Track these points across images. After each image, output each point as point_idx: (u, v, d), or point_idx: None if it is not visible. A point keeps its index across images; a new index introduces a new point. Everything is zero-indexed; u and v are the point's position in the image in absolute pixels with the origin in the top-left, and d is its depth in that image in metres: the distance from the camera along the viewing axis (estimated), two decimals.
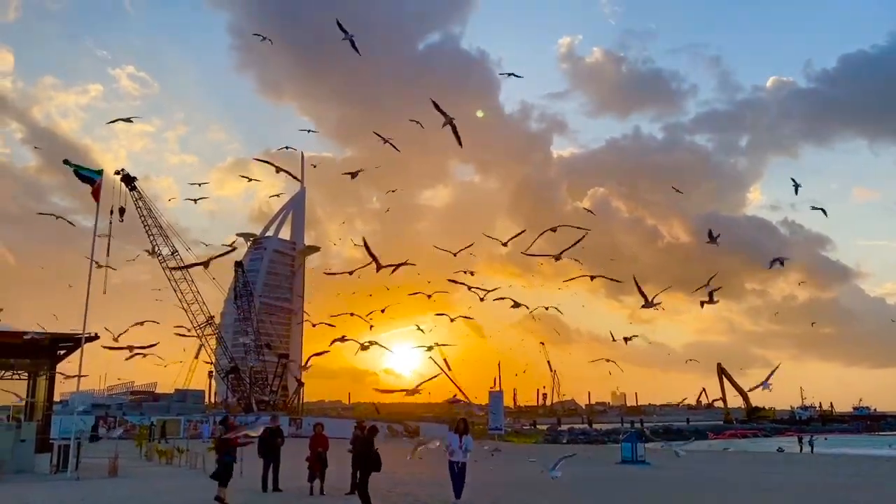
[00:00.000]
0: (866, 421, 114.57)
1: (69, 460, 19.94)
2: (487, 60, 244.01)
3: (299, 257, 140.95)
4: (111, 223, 32.91)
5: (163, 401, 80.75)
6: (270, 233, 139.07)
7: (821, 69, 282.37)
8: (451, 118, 19.63)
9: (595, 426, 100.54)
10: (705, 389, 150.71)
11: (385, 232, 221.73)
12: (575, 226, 23.31)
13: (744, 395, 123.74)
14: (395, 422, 76.47)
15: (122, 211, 47.97)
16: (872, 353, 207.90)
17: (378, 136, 22.00)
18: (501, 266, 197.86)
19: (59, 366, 23.16)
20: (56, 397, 26.01)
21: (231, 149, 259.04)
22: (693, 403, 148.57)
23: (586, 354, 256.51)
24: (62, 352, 22.63)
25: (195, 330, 73.21)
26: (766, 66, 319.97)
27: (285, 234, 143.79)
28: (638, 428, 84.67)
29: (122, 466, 21.34)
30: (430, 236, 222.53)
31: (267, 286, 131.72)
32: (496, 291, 29.40)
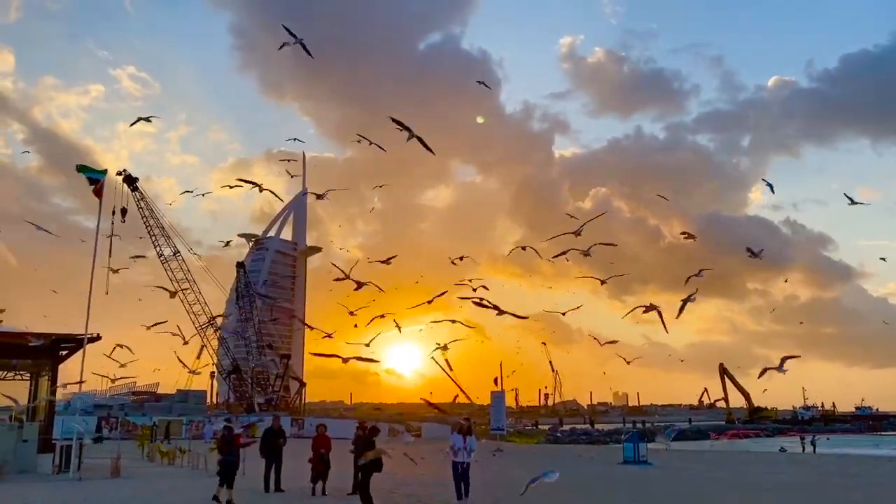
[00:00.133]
0: (868, 421, 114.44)
1: (71, 461, 19.96)
2: (489, 60, 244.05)
3: (301, 258, 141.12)
4: (113, 223, 33.02)
5: (164, 401, 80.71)
6: (272, 233, 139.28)
7: (823, 69, 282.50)
8: (412, 133, 20.10)
9: (597, 426, 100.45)
10: (707, 389, 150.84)
11: (386, 232, 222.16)
12: (594, 216, 23.34)
13: (746, 395, 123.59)
14: (398, 422, 76.57)
15: (124, 211, 48.17)
16: (874, 354, 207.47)
17: (362, 138, 22.06)
18: (503, 266, 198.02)
19: (61, 367, 23.20)
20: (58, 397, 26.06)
21: (232, 149, 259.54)
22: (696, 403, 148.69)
23: (588, 355, 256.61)
24: (64, 352, 22.67)
25: (197, 331, 73.42)
26: (768, 66, 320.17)
27: (287, 235, 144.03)
28: (639, 427, 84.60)
29: (125, 467, 21.39)
30: (432, 236, 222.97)
31: (269, 286, 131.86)
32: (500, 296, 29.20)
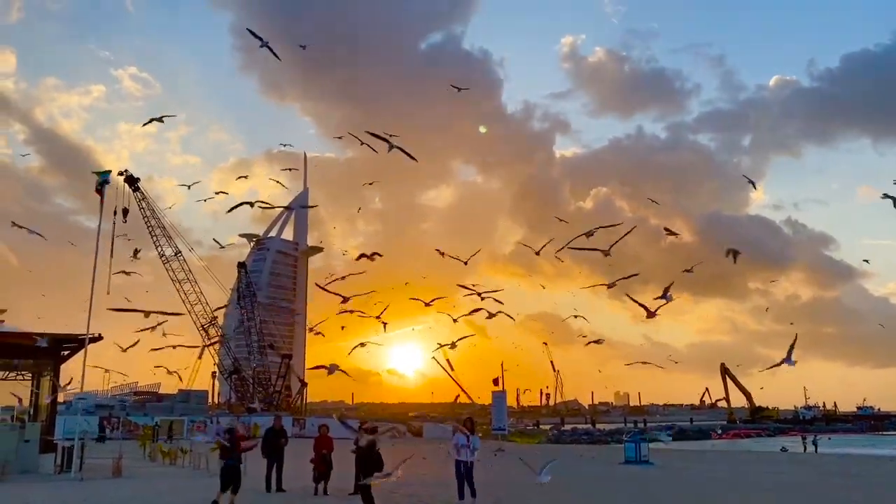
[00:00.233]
0: (870, 421, 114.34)
1: (73, 461, 19.97)
2: (490, 60, 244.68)
3: (302, 258, 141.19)
4: (115, 224, 32.97)
5: (166, 401, 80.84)
6: (273, 233, 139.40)
7: (824, 68, 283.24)
8: (391, 143, 20.70)
9: (598, 426, 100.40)
10: (708, 389, 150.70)
11: (387, 232, 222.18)
12: (610, 225, 23.16)
13: (747, 395, 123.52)
14: (399, 422, 76.52)
15: (126, 212, 48.12)
16: (876, 353, 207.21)
17: (353, 136, 22.28)
18: (503, 266, 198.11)
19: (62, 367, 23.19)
20: (60, 398, 26.07)
21: (233, 149, 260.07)
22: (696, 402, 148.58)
23: (589, 355, 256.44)
24: (66, 352, 22.66)
25: (199, 331, 73.49)
26: (769, 66, 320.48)
27: (288, 235, 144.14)
28: (640, 427, 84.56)
29: (126, 467, 21.39)
30: (434, 236, 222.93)
31: (270, 286, 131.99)
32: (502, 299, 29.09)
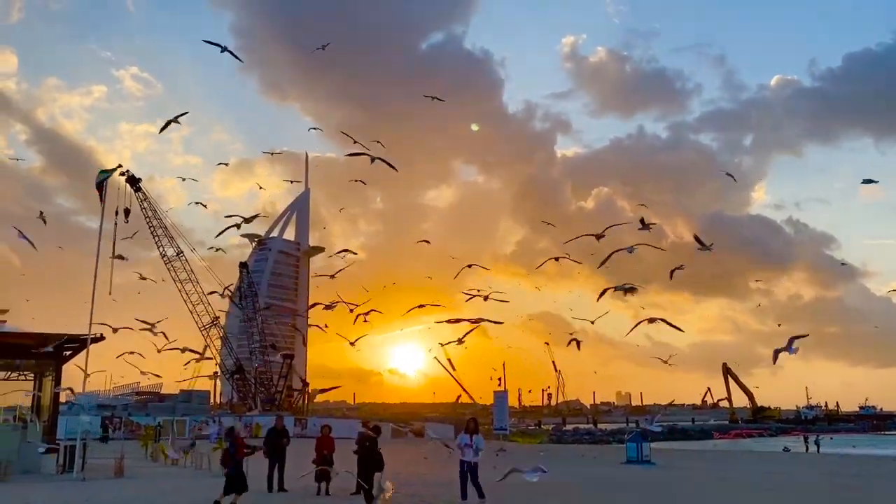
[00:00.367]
0: (872, 420, 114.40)
1: (75, 461, 20.00)
2: (491, 60, 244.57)
3: (304, 258, 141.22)
4: (116, 224, 33.03)
5: (168, 401, 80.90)
6: (275, 234, 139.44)
7: (825, 68, 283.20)
8: (373, 156, 21.26)
9: (600, 426, 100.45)
10: (710, 389, 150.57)
11: (388, 232, 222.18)
12: (620, 223, 23.10)
13: (749, 395, 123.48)
14: (401, 422, 76.45)
15: (128, 212, 48.16)
16: (878, 353, 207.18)
17: (347, 135, 22.41)
18: (505, 266, 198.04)
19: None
20: (61, 398, 26.09)
21: (234, 149, 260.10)
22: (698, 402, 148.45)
23: (591, 355, 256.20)
24: (68, 353, 22.69)
25: (201, 331, 73.48)
26: (771, 65, 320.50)
27: (289, 235, 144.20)
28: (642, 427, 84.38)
29: (128, 467, 21.41)
30: (435, 237, 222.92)
31: (272, 287, 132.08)
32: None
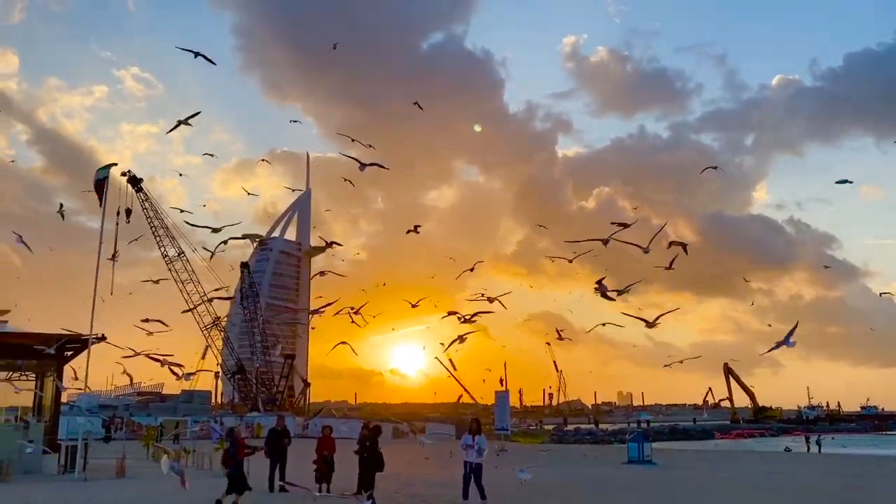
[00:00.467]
0: (874, 420, 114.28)
1: (76, 461, 20.00)
2: (491, 60, 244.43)
3: (305, 258, 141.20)
4: (118, 224, 33.09)
5: (170, 401, 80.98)
6: (276, 234, 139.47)
7: (827, 67, 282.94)
8: (363, 163, 22.43)
9: (601, 426, 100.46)
10: (711, 389, 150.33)
11: (388, 232, 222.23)
12: (627, 222, 23.11)
13: (751, 395, 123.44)
14: (402, 422, 76.45)
15: (129, 212, 48.24)
16: (880, 353, 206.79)
17: (345, 136, 23.27)
18: (506, 266, 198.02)
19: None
20: (63, 398, 26.13)
21: (235, 150, 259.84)
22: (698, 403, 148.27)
23: (592, 355, 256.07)
24: (69, 353, 22.71)
25: (202, 331, 73.54)
26: (772, 65, 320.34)
27: (291, 235, 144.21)
28: (644, 427, 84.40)
29: (130, 467, 21.38)
30: (435, 237, 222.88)
31: (273, 287, 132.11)
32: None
